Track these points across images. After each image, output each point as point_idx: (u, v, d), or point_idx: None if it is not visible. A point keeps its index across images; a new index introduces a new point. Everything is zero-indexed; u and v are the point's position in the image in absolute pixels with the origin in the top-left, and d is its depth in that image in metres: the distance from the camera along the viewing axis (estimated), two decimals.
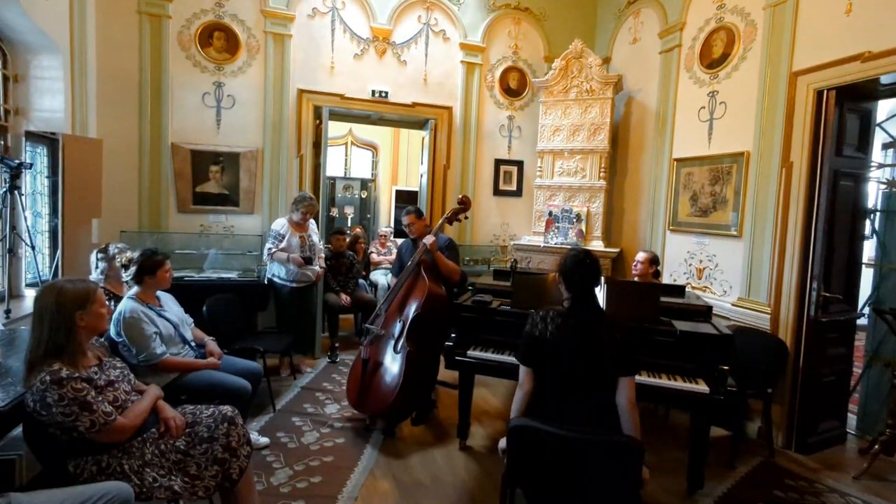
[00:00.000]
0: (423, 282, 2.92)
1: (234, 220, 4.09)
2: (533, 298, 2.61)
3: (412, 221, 3.21)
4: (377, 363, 2.86)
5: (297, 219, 3.57)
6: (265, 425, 2.89)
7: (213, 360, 2.50)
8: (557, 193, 4.61)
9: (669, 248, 4.07)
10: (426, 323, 2.87)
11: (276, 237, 3.49)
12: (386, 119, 5.11)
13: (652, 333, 2.37)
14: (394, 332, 2.87)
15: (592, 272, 1.80)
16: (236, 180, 4.04)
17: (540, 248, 4.55)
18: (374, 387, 2.79)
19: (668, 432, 3.07)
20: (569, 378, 1.74)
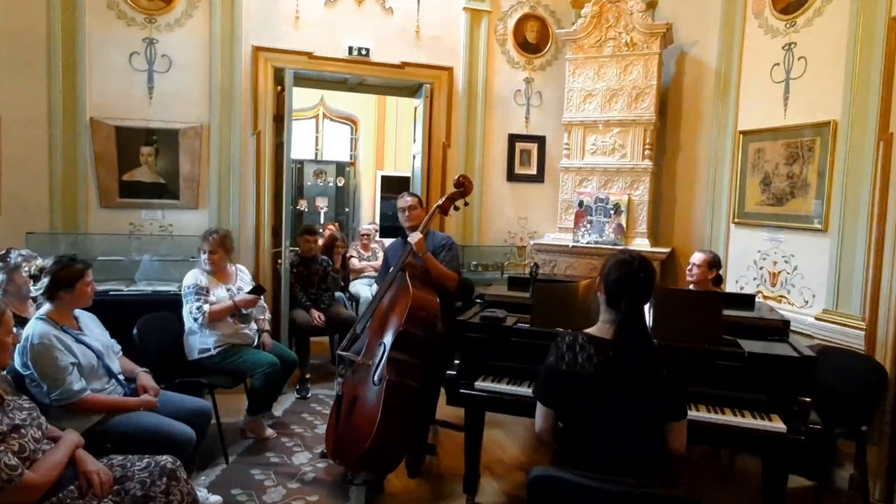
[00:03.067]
0: (406, 289, 2.93)
1: (173, 217, 4.12)
2: (559, 314, 2.62)
3: (415, 204, 3.26)
4: (353, 400, 2.87)
5: (206, 267, 3.31)
6: (216, 480, 2.91)
7: (147, 398, 2.52)
8: (590, 178, 4.63)
9: (734, 246, 4.09)
10: (412, 343, 2.87)
11: (197, 291, 3.22)
12: (368, 84, 5.15)
13: (713, 357, 2.37)
14: (374, 359, 2.89)
15: (646, 287, 1.79)
16: (175, 165, 4.07)
17: (568, 249, 4.57)
18: (350, 431, 2.80)
19: (734, 483, 3.08)
20: (606, 421, 1.74)
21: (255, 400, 3.32)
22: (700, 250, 3.61)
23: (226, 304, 3.27)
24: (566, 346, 1.81)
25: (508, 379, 2.61)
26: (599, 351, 1.76)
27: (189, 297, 3.24)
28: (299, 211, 7.86)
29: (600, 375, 1.73)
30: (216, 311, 3.23)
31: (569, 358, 1.78)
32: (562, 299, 2.67)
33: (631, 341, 1.75)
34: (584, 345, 1.78)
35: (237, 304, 3.30)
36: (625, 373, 1.73)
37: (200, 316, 3.18)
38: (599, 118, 4.53)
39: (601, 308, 1.87)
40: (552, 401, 1.87)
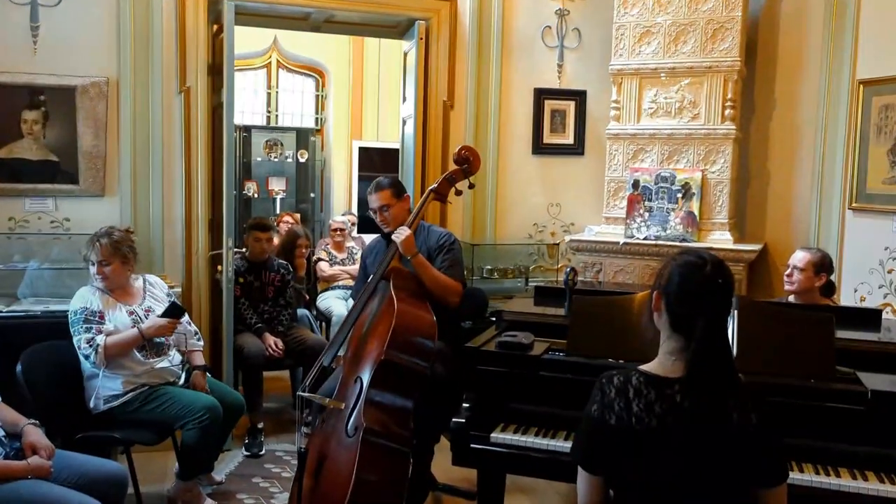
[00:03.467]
0: (391, 303, 2.93)
1: (69, 209, 4.13)
2: (606, 340, 2.61)
3: (387, 202, 3.23)
4: (321, 458, 2.86)
5: (96, 283, 3.28)
6: None
7: (37, 462, 2.51)
8: (648, 149, 4.63)
9: (851, 240, 4.08)
10: (398, 376, 2.86)
11: (86, 317, 3.18)
12: (338, 22, 5.16)
13: (822, 397, 2.36)
14: (348, 400, 2.88)
15: (727, 300, 1.78)
16: (72, 137, 4.08)
17: (618, 248, 4.57)
18: (319, 499, 2.79)
19: None
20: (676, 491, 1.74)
21: (187, 459, 3.32)
22: (803, 248, 3.60)
23: (128, 335, 3.21)
24: (615, 391, 1.79)
25: (537, 429, 2.60)
26: (663, 395, 1.75)
27: (76, 325, 3.18)
28: (246, 197, 7.89)
29: (666, 430, 1.72)
30: (115, 344, 3.16)
31: (619, 407, 1.77)
32: (610, 318, 2.66)
33: (710, 379, 1.73)
34: (641, 388, 1.76)
35: (144, 335, 3.24)
36: (700, 424, 1.72)
37: (92, 353, 3.12)
38: (662, 65, 4.53)
39: (663, 334, 1.86)
40: (598, 465, 1.86)
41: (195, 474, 3.38)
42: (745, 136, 4.67)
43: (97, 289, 3.30)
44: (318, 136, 8.57)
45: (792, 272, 3.49)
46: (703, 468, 1.71)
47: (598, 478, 1.86)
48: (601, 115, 4.96)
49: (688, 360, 1.74)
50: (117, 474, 2.72)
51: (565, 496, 3.71)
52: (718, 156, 4.44)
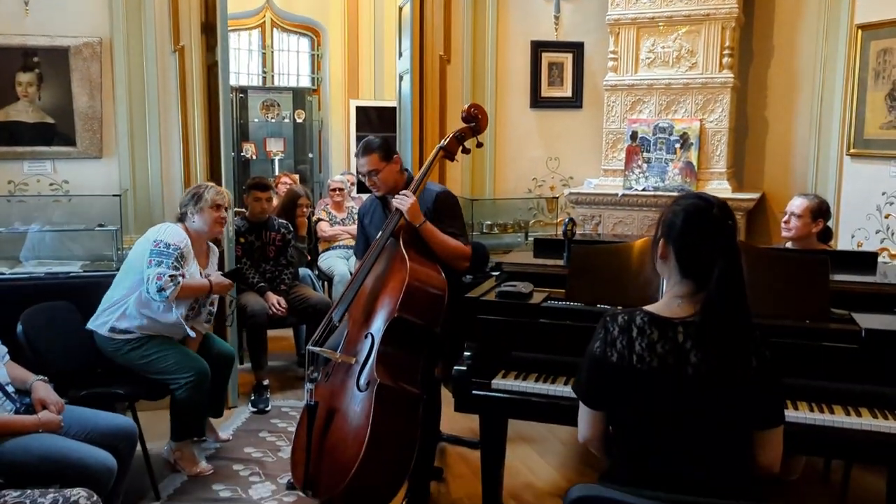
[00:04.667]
0: (403, 261, 2.94)
1: (68, 171, 4.13)
2: (605, 286, 2.63)
3: (375, 167, 3.16)
4: (331, 412, 2.91)
5: (205, 225, 3.41)
6: None
7: (48, 416, 2.56)
8: (646, 99, 4.61)
9: (849, 187, 4.09)
10: (410, 333, 2.90)
11: (179, 255, 3.27)
12: None
13: (817, 337, 2.39)
14: (359, 355, 2.92)
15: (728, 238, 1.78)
16: (67, 99, 4.06)
17: (616, 199, 4.58)
18: (328, 454, 2.84)
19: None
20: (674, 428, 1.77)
21: (178, 419, 3.37)
22: (801, 195, 3.60)
23: (201, 283, 3.38)
24: (618, 330, 1.81)
25: (537, 375, 2.64)
26: (665, 336, 1.76)
27: (166, 259, 3.22)
28: (244, 159, 7.86)
29: (666, 370, 1.75)
30: (189, 287, 3.29)
31: (621, 345, 1.79)
32: (608, 266, 2.68)
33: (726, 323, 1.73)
34: (644, 328, 1.78)
35: (213, 288, 3.42)
36: (703, 365, 1.74)
37: (172, 287, 3.18)
38: (659, 13, 4.49)
39: (669, 279, 1.86)
40: (600, 401, 1.89)
41: (186, 436, 3.42)
42: (743, 85, 4.64)
43: (188, 236, 3.37)
44: (315, 95, 8.50)
45: (789, 219, 3.49)
46: (703, 408, 1.74)
47: (598, 413, 1.90)
48: (599, 67, 4.92)
49: (705, 302, 1.75)
50: (127, 428, 2.78)
51: (567, 444, 3.78)
52: (716, 105, 4.42)
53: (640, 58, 4.59)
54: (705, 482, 1.74)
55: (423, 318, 2.91)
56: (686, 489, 1.66)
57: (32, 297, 3.32)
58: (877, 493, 3.10)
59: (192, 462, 3.42)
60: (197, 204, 3.38)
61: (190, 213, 3.41)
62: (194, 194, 3.42)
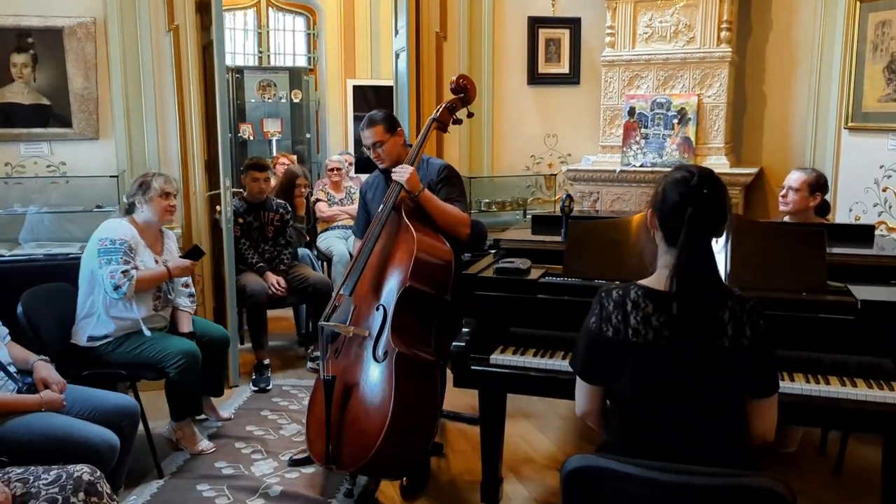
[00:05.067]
0: (409, 232, 2.96)
1: (65, 153, 4.12)
2: (602, 261, 2.64)
3: (380, 138, 3.20)
4: (349, 385, 2.93)
5: (154, 215, 3.34)
6: (152, 500, 3.01)
7: (50, 395, 2.58)
8: (644, 75, 4.58)
9: (847, 160, 4.08)
10: (421, 303, 2.93)
11: (127, 249, 3.21)
12: None
13: (813, 308, 2.40)
14: (371, 328, 2.94)
15: (713, 210, 1.79)
16: (62, 79, 4.04)
17: (615, 176, 4.57)
18: (350, 425, 2.86)
19: (844, 479, 3.17)
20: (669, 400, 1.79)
21: (175, 399, 3.38)
22: (798, 169, 3.60)
23: (157, 271, 3.32)
24: (613, 305, 1.83)
25: (535, 349, 2.66)
26: (660, 308, 1.78)
27: (114, 255, 3.17)
28: (242, 140, 7.83)
29: (661, 342, 1.76)
30: (145, 279, 3.24)
31: (616, 320, 1.81)
32: (605, 241, 2.69)
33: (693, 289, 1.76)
34: (639, 301, 1.80)
35: (171, 273, 3.35)
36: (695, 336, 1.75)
37: (126, 283, 3.15)
38: None
39: (659, 250, 1.89)
40: (596, 376, 1.91)
41: (184, 415, 3.43)
42: (741, 59, 4.61)
43: (133, 227, 3.31)
44: (312, 75, 8.45)
45: (787, 193, 3.49)
46: (696, 380, 1.76)
47: (595, 387, 1.92)
48: (596, 42, 4.89)
49: (672, 270, 1.77)
50: (129, 406, 2.80)
51: (566, 419, 3.81)
52: (714, 80, 4.40)
53: (638, 33, 4.56)
54: (701, 453, 1.75)
55: (433, 287, 2.95)
56: (682, 460, 1.68)
57: (32, 278, 3.33)
58: (873, 463, 3.13)
59: (193, 440, 3.45)
60: (145, 194, 3.31)
61: (138, 203, 3.34)
62: (142, 183, 3.34)
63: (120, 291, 3.15)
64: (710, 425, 1.79)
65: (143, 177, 3.39)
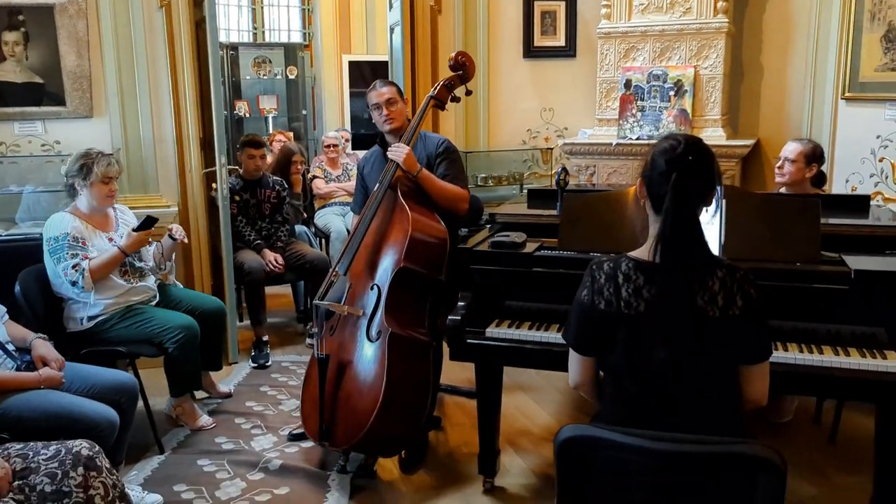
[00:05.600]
0: (404, 212, 2.96)
1: (59, 131, 4.10)
2: (596, 234, 2.64)
3: (395, 96, 3.21)
4: (343, 363, 2.95)
5: (94, 200, 3.22)
6: (153, 475, 3.04)
7: (49, 373, 2.60)
8: (640, 47, 4.55)
9: (844, 131, 4.07)
10: (415, 283, 2.93)
11: (71, 243, 3.12)
12: None
13: (807, 279, 2.41)
14: (365, 307, 2.95)
15: (698, 176, 1.80)
16: (55, 57, 4.01)
17: (611, 149, 4.56)
18: (343, 403, 2.90)
19: (839, 448, 3.20)
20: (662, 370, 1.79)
21: (174, 375, 3.38)
22: (795, 140, 3.59)
23: (109, 255, 3.19)
24: (604, 277, 1.84)
25: (531, 322, 2.67)
26: (651, 280, 1.79)
27: (60, 252, 3.11)
28: (238, 117, 7.79)
29: (653, 313, 1.77)
30: (98, 266, 3.14)
31: (608, 292, 1.82)
32: (600, 213, 2.68)
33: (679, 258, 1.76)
34: (630, 273, 1.81)
35: (125, 252, 3.22)
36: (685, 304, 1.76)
37: (80, 278, 3.08)
38: None
39: (650, 220, 1.89)
40: (589, 348, 1.93)
41: (184, 390, 3.44)
42: (738, 30, 4.58)
43: (74, 216, 3.23)
44: (307, 51, 8.39)
45: (783, 164, 3.49)
46: (687, 350, 1.77)
47: (588, 358, 1.93)
48: (592, 15, 4.86)
49: (656, 238, 1.77)
50: (128, 383, 2.81)
51: (562, 391, 3.83)
52: (711, 51, 4.37)
53: (634, 4, 4.53)
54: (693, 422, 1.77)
55: (427, 268, 2.95)
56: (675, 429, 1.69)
57: (29, 257, 3.32)
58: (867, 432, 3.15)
59: (193, 416, 3.47)
60: (86, 178, 3.18)
61: (78, 186, 3.22)
62: (83, 165, 3.19)
63: (78, 286, 3.11)
64: (701, 394, 1.81)
65: (86, 157, 3.21)
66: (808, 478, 2.92)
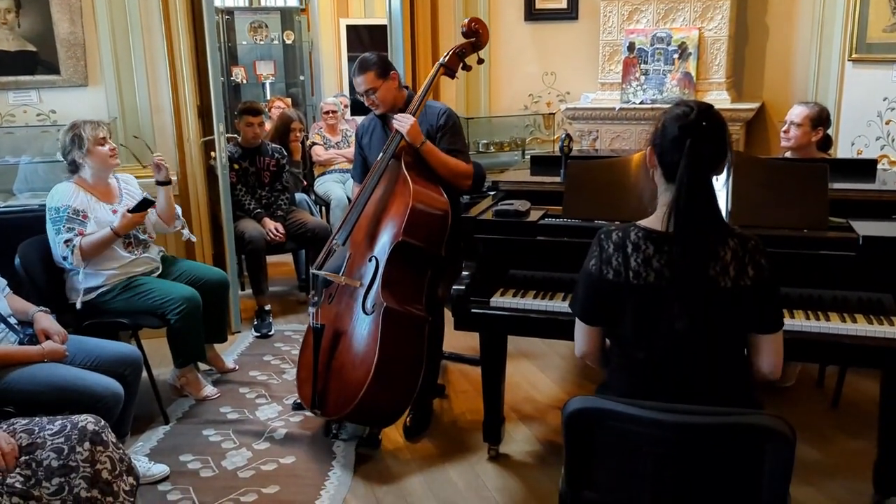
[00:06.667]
0: (405, 184, 2.92)
1: (54, 100, 4.05)
2: (601, 201, 2.62)
3: (372, 85, 3.10)
4: (337, 335, 2.95)
5: (96, 165, 3.18)
6: (159, 446, 3.06)
7: (52, 346, 2.59)
8: (644, 8, 4.47)
9: (850, 94, 4.02)
10: (415, 257, 2.91)
11: (69, 216, 3.09)
12: None
13: (814, 245, 2.39)
14: (363, 279, 2.94)
15: (712, 144, 1.76)
16: (48, 25, 3.94)
17: (614, 113, 4.51)
18: (336, 375, 2.90)
19: (842, 413, 3.21)
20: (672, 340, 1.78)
21: (177, 346, 3.38)
22: (800, 103, 3.54)
23: (102, 235, 3.13)
24: (613, 247, 1.81)
25: (536, 291, 2.66)
26: (661, 250, 1.76)
27: (59, 224, 3.09)
28: (235, 83, 7.69)
29: (663, 283, 1.75)
30: (90, 245, 3.11)
31: (617, 262, 1.79)
32: (605, 180, 2.65)
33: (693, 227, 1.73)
34: (639, 243, 1.78)
35: (118, 232, 3.16)
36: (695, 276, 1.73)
37: (70, 254, 3.07)
38: None
39: (659, 188, 1.86)
40: (596, 318, 1.91)
41: (187, 361, 3.44)
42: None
43: (78, 186, 3.20)
44: (304, 15, 8.23)
45: (789, 128, 3.44)
46: (698, 321, 1.75)
47: (595, 328, 1.92)
48: None
49: (671, 206, 1.74)
50: (131, 355, 2.81)
51: (567, 358, 3.84)
52: (716, 12, 4.29)
53: None
54: (703, 392, 1.77)
55: (426, 242, 2.92)
56: (683, 399, 1.69)
57: (29, 229, 3.31)
58: (870, 396, 3.17)
59: (197, 386, 3.48)
60: (81, 147, 3.14)
61: (79, 159, 3.18)
62: (73, 137, 3.15)
63: (68, 262, 3.11)
64: (710, 364, 1.80)
65: (72, 129, 3.17)
66: (812, 442, 2.93)
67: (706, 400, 1.69)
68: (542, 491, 2.71)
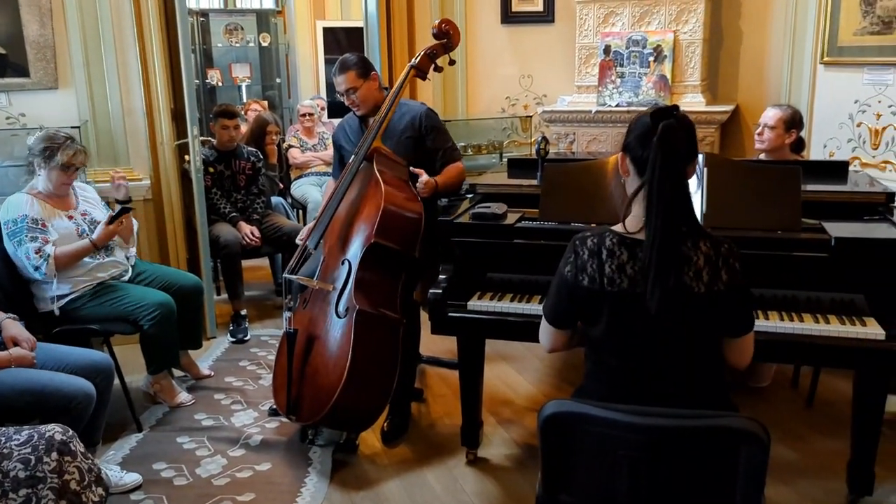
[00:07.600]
0: (377, 185, 2.90)
1: (23, 103, 3.98)
2: (578, 204, 2.62)
3: (353, 84, 3.10)
4: (310, 339, 2.93)
5: (50, 184, 3.13)
6: (131, 454, 3.02)
7: (20, 353, 2.54)
8: (619, 11, 4.49)
9: (822, 96, 4.06)
10: (387, 259, 2.90)
11: (30, 226, 3.06)
12: None
13: (788, 247, 2.41)
14: (336, 282, 2.91)
15: (681, 142, 1.76)
16: (16, 26, 3.87)
17: (590, 116, 4.52)
18: (309, 379, 2.88)
19: (816, 412, 3.24)
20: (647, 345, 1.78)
21: (151, 352, 3.32)
22: (774, 105, 3.59)
23: (80, 246, 3.14)
24: (588, 253, 1.80)
25: (513, 295, 2.66)
26: (635, 256, 1.76)
27: (20, 235, 3.05)
28: (210, 86, 7.63)
29: (636, 290, 1.74)
30: (66, 255, 3.10)
31: (592, 269, 1.79)
32: (581, 183, 2.66)
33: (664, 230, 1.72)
34: (614, 249, 1.77)
35: (97, 244, 3.16)
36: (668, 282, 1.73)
37: (43, 263, 3.04)
38: None
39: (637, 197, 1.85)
40: (566, 322, 1.91)
41: (161, 367, 3.39)
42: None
43: (32, 197, 3.14)
44: (280, 17, 8.19)
45: (763, 130, 3.48)
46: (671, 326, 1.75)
47: (562, 331, 1.92)
48: None
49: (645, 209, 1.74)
50: (102, 362, 2.76)
51: (545, 361, 3.84)
52: (690, 15, 4.32)
53: None
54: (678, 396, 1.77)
55: (399, 244, 2.90)
56: (659, 403, 1.69)
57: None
58: (844, 395, 3.21)
59: (172, 393, 3.43)
60: (47, 161, 3.09)
61: (38, 166, 3.13)
62: (46, 148, 3.09)
63: (40, 272, 3.06)
64: (684, 368, 1.80)
65: (52, 140, 3.12)
66: (786, 442, 2.96)
67: (682, 403, 1.70)
68: (520, 494, 2.71)
